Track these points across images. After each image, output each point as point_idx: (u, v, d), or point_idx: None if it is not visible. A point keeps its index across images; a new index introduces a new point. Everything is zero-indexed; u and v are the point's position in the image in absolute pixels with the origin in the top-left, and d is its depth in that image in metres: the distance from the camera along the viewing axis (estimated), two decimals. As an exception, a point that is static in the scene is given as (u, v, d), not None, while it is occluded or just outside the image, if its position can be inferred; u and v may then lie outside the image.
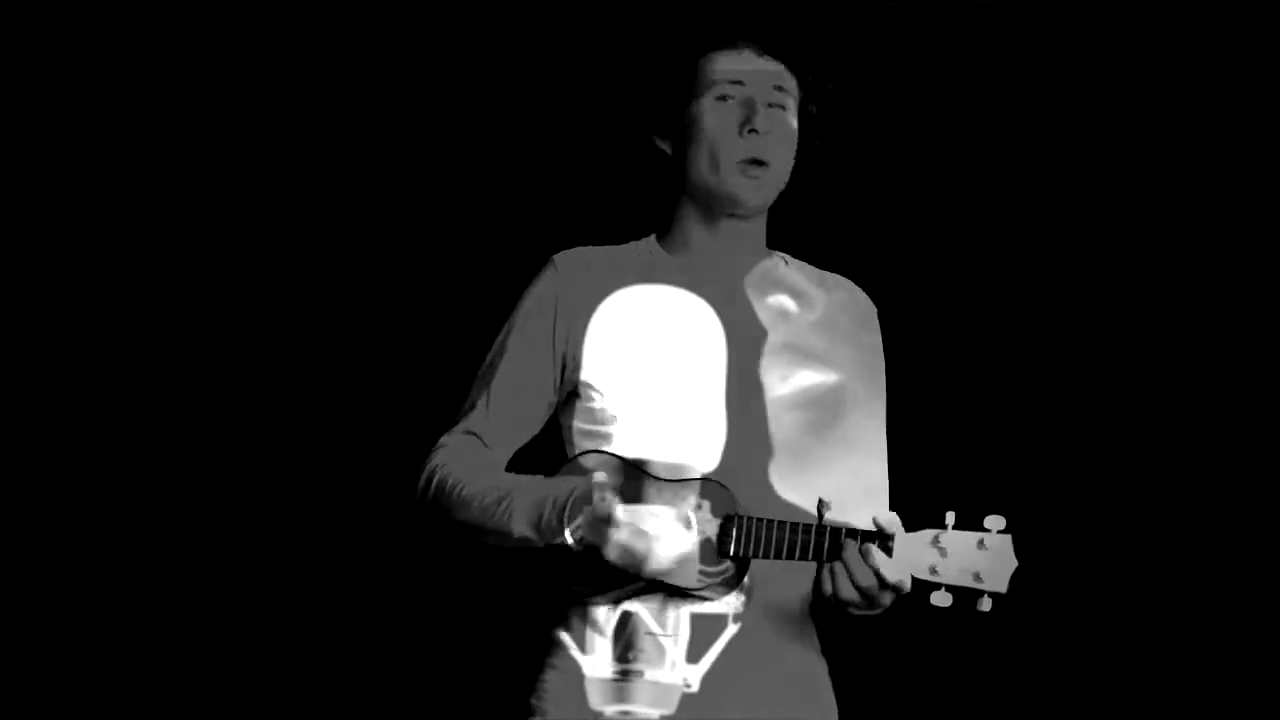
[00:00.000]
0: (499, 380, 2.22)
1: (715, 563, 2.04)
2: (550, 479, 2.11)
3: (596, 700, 2.09)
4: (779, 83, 2.23)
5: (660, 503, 2.03)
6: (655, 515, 2.02)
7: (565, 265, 2.25)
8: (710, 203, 2.24)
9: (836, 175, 2.91)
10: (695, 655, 2.09)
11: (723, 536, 2.04)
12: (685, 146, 2.23)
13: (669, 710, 2.07)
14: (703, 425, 2.15)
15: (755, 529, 2.02)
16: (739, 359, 2.18)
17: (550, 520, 2.04)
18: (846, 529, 1.99)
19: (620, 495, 2.02)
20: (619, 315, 2.21)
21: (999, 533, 1.96)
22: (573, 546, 2.03)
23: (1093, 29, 3.27)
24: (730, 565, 2.05)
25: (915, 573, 1.96)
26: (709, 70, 2.23)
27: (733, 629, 2.10)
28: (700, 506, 2.04)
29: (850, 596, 1.98)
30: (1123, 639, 3.24)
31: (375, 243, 3.40)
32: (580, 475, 2.08)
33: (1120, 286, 3.31)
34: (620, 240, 2.32)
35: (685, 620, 2.09)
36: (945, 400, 3.18)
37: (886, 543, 1.97)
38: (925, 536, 1.97)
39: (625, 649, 2.08)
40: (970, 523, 1.97)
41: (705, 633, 2.09)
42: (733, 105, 2.21)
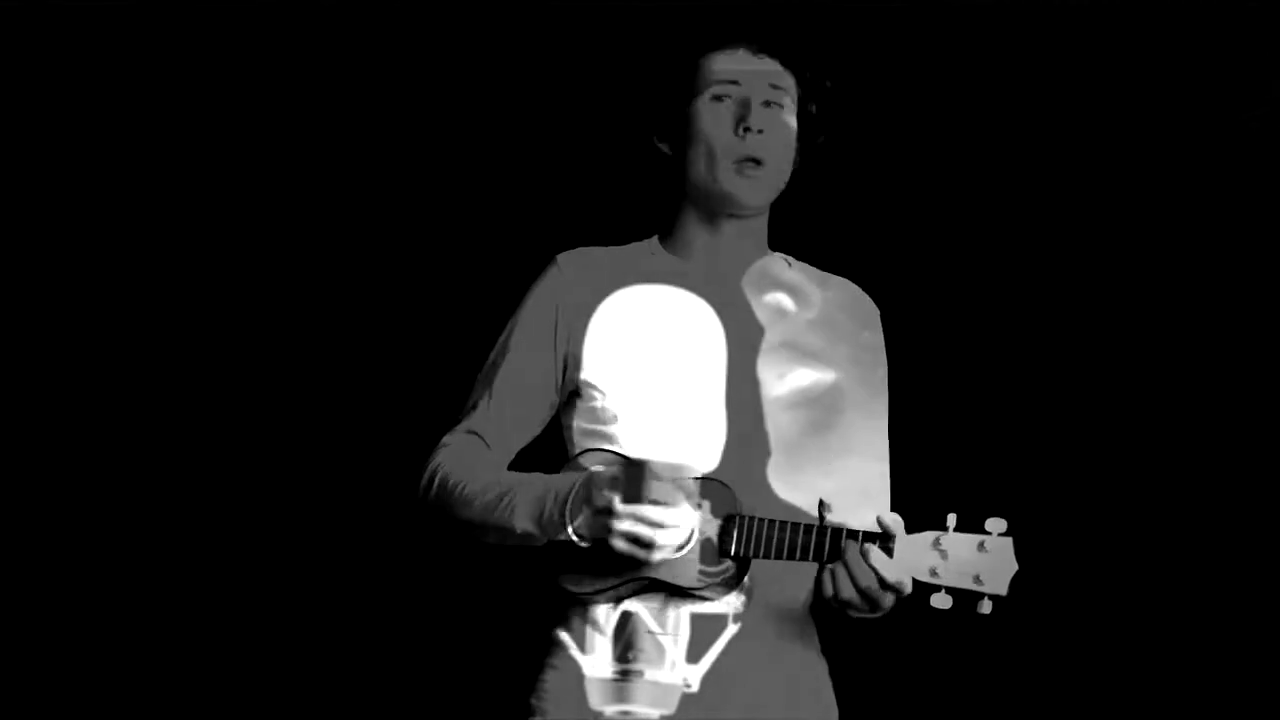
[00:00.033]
0: (501, 380, 2.22)
1: (715, 562, 2.04)
2: (551, 475, 2.11)
3: (596, 700, 2.09)
4: (775, 81, 2.23)
5: (660, 494, 2.03)
6: (656, 503, 2.01)
7: (568, 265, 2.26)
8: (710, 203, 2.24)
9: (840, 177, 2.91)
10: (695, 655, 2.08)
11: (723, 536, 2.04)
12: (684, 147, 2.24)
13: (669, 710, 2.07)
14: (703, 425, 2.15)
15: (756, 529, 2.02)
16: (739, 359, 2.18)
17: (552, 515, 2.05)
18: (847, 530, 1.99)
19: (620, 489, 2.02)
20: (619, 315, 2.22)
21: (1000, 535, 1.96)
22: (575, 541, 2.04)
23: (1093, 29, 3.27)
24: (730, 565, 2.05)
25: (916, 574, 1.97)
26: (705, 71, 2.24)
27: (733, 629, 2.10)
28: (701, 506, 2.04)
29: (851, 597, 1.98)
30: (1123, 642, 3.23)
31: (379, 243, 3.40)
32: (581, 473, 2.08)
33: (1121, 287, 3.31)
34: (625, 241, 2.32)
35: (685, 620, 2.09)
36: (947, 403, 3.18)
37: (887, 544, 1.97)
38: (926, 538, 1.97)
39: (625, 649, 2.08)
40: (971, 525, 1.97)
41: (705, 633, 2.09)
42: (728, 105, 2.21)
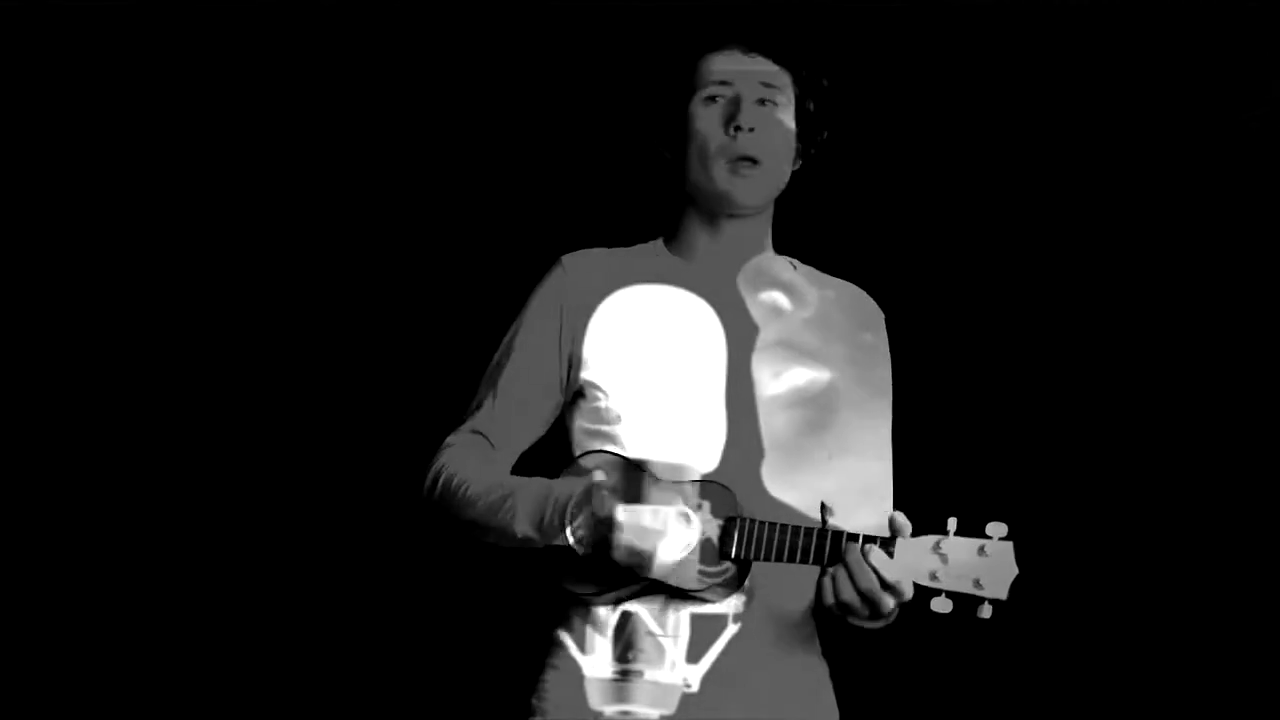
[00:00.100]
0: (506, 380, 2.23)
1: (716, 563, 2.04)
2: (553, 480, 2.11)
3: (596, 700, 2.09)
4: (768, 80, 2.23)
5: (660, 501, 2.03)
6: (656, 513, 2.01)
7: (573, 266, 2.26)
8: (709, 204, 2.24)
9: (842, 180, 2.91)
10: (695, 655, 2.09)
11: (724, 538, 2.04)
12: (682, 150, 2.24)
13: (669, 710, 2.07)
14: (704, 426, 2.15)
15: (756, 531, 2.02)
16: (739, 359, 2.19)
17: (552, 521, 2.05)
18: (848, 533, 1.99)
19: (620, 495, 2.02)
20: (619, 315, 2.22)
21: (1000, 540, 1.96)
22: (574, 547, 2.04)
23: (1093, 29, 3.27)
24: (731, 567, 2.05)
25: (916, 578, 1.96)
26: (699, 73, 2.24)
27: (733, 629, 2.10)
28: (701, 506, 2.05)
29: (850, 599, 1.97)
30: (1122, 647, 3.24)
31: (386, 244, 3.40)
32: (582, 476, 2.08)
33: (1122, 288, 3.31)
34: (632, 243, 2.32)
35: (685, 620, 2.09)
36: (949, 406, 3.18)
37: (888, 546, 1.97)
38: (926, 542, 1.97)
39: (625, 649, 2.08)
40: (972, 529, 1.97)
41: (705, 633, 2.09)
42: (720, 105, 2.21)
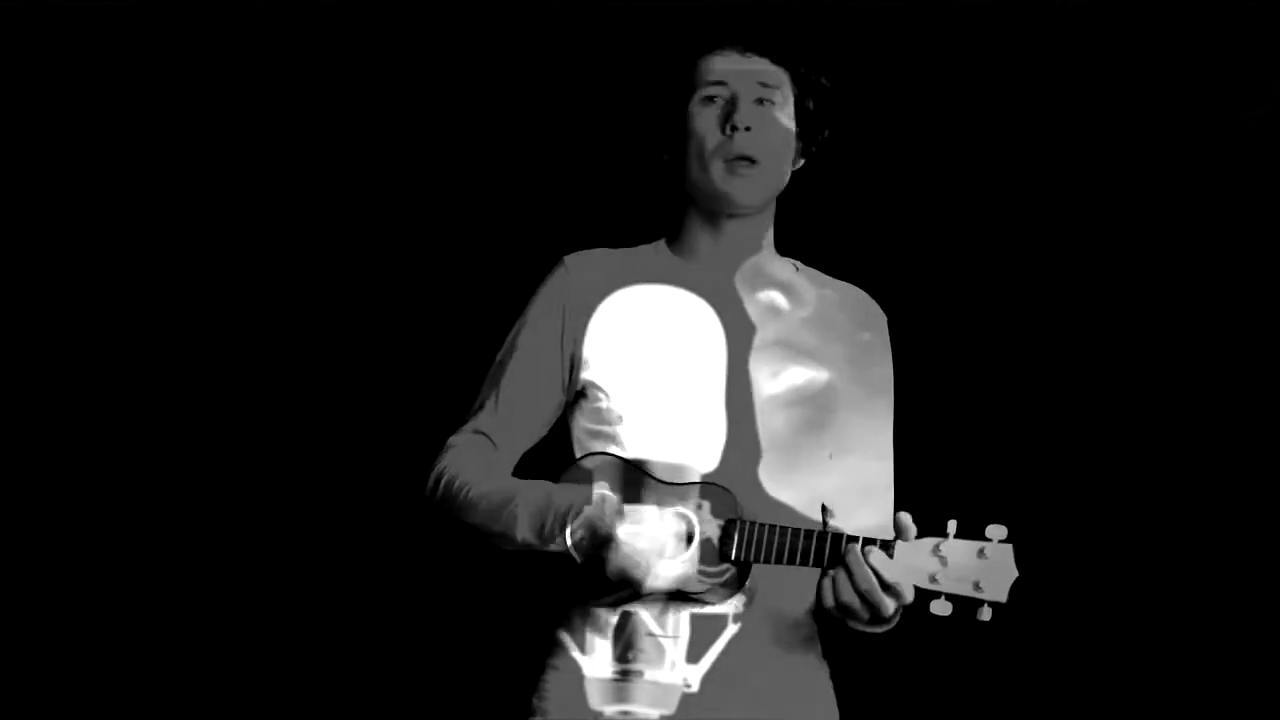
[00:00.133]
0: (508, 380, 2.23)
1: (715, 564, 2.04)
2: (554, 485, 2.11)
3: (596, 700, 2.09)
4: (765, 80, 2.23)
5: (661, 508, 2.03)
6: (655, 536, 2.02)
7: (575, 266, 2.26)
8: (708, 205, 2.24)
9: (843, 180, 2.91)
10: (695, 655, 2.09)
11: (724, 540, 2.04)
12: (681, 151, 2.24)
13: (669, 710, 2.07)
14: (704, 426, 2.15)
15: (757, 533, 2.03)
16: (739, 359, 2.19)
17: (552, 530, 2.05)
18: (848, 535, 1.99)
19: (620, 498, 2.03)
20: (620, 315, 2.22)
21: (1000, 542, 1.96)
22: (572, 555, 2.04)
23: (1093, 29, 3.26)
24: (730, 568, 2.05)
25: (915, 581, 1.96)
26: (696, 74, 2.24)
27: (733, 629, 2.10)
28: (701, 507, 2.05)
29: (850, 600, 1.98)
30: (1122, 649, 3.23)
31: (388, 244, 3.39)
32: (583, 479, 2.08)
33: (1123, 289, 3.30)
34: (635, 244, 2.32)
35: (685, 620, 2.09)
36: (949, 408, 3.18)
37: (887, 548, 1.97)
38: (926, 545, 1.97)
39: (625, 649, 2.09)
40: (972, 532, 1.97)
41: (705, 633, 2.10)
42: (717, 105, 2.22)
